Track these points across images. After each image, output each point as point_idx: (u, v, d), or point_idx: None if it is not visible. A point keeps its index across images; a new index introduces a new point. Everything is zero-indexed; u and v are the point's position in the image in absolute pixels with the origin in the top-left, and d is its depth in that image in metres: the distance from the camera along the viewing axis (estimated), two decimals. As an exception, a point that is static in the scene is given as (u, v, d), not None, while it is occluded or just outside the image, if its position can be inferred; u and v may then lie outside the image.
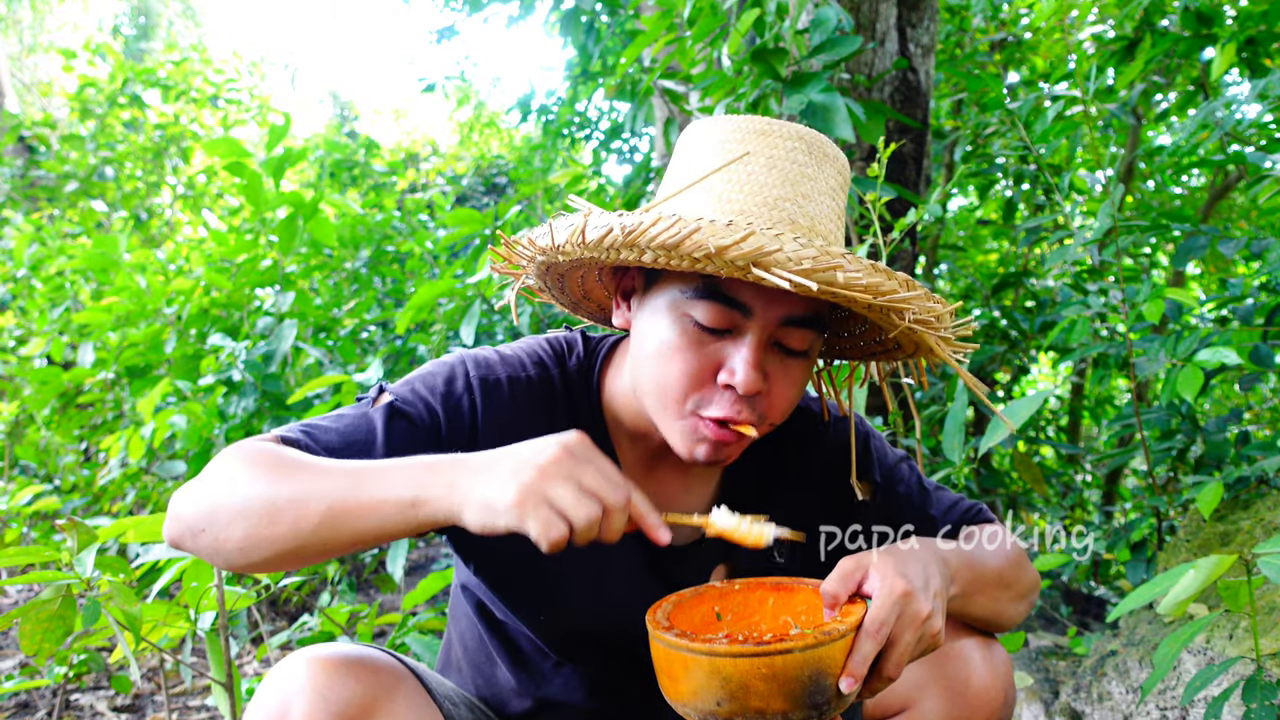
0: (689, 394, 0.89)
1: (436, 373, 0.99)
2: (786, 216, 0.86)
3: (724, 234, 0.76)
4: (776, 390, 0.90)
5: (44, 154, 6.79)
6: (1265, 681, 1.06)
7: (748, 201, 0.87)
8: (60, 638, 1.24)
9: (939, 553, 0.93)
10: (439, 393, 0.97)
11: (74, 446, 3.83)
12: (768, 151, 0.89)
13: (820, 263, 0.76)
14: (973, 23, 3.98)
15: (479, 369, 0.99)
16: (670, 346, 0.88)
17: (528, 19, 5.56)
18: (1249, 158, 2.12)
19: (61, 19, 13.34)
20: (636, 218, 0.79)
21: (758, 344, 0.87)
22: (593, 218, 0.82)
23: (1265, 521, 1.76)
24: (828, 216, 0.90)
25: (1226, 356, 1.73)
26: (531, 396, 1.00)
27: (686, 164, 0.94)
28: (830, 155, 0.92)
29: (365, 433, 0.92)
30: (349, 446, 0.92)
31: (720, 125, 0.93)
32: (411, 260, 4.11)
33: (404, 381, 0.99)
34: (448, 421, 0.95)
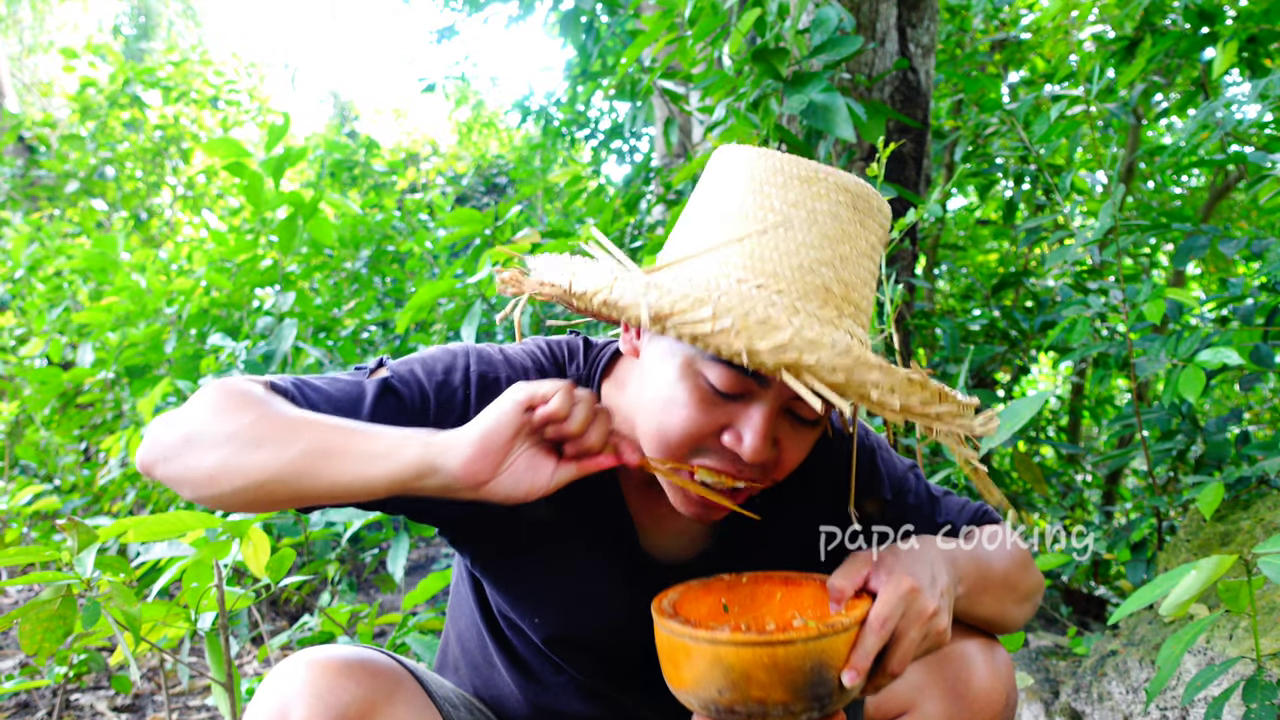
0: (689, 449, 0.85)
1: (439, 359, 0.97)
2: (820, 284, 0.81)
3: (758, 333, 0.70)
4: (785, 455, 0.86)
5: (44, 154, 6.80)
6: (1265, 681, 1.06)
7: (782, 263, 0.80)
8: (60, 638, 1.24)
9: (946, 552, 0.92)
10: (436, 379, 0.94)
11: (74, 446, 3.83)
12: (810, 204, 0.82)
13: (855, 376, 0.71)
14: (973, 23, 3.98)
15: (480, 364, 0.97)
16: (677, 402, 0.84)
17: (527, 19, 5.57)
18: (1249, 158, 2.12)
19: (61, 19, 13.34)
20: (665, 294, 0.73)
21: (770, 414, 0.82)
22: (620, 285, 0.76)
23: (1265, 521, 1.76)
24: (862, 281, 0.85)
25: (1228, 357, 1.73)
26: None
27: (717, 200, 0.87)
28: (874, 208, 0.86)
29: (354, 400, 0.91)
30: (335, 409, 0.90)
31: (758, 163, 0.85)
32: (411, 260, 4.11)
33: (406, 360, 0.97)
34: (438, 409, 0.93)
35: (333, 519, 1.92)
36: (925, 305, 3.33)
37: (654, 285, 0.73)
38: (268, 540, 1.48)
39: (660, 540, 1.03)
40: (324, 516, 1.94)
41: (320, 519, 1.99)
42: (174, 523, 1.40)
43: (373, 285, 3.92)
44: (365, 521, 1.86)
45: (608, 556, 1.01)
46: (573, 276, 0.81)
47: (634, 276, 0.76)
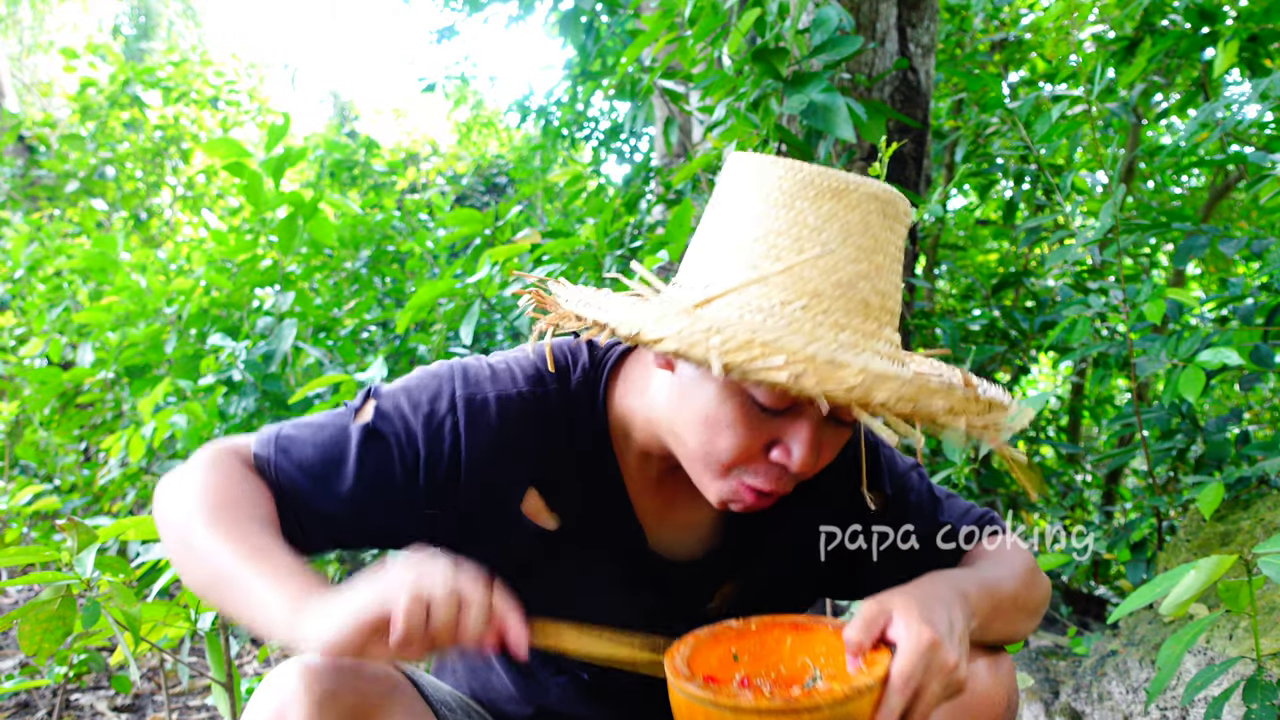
0: (735, 467, 0.85)
1: (424, 386, 0.95)
2: (860, 299, 0.82)
3: (829, 375, 0.70)
4: (824, 458, 0.87)
5: (44, 154, 6.80)
6: (1265, 682, 1.06)
7: (823, 282, 0.81)
8: (60, 638, 1.24)
9: (959, 587, 0.91)
10: (422, 411, 0.93)
11: (74, 446, 3.83)
12: (844, 216, 0.82)
13: (920, 405, 0.73)
14: (973, 23, 3.98)
15: (466, 386, 0.94)
16: (722, 421, 0.83)
17: (527, 19, 5.56)
18: (1250, 157, 2.12)
19: (61, 19, 13.34)
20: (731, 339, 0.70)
21: (817, 424, 0.83)
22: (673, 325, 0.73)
23: (1265, 521, 1.76)
24: (895, 286, 0.86)
25: (1228, 357, 1.73)
26: (523, 415, 0.95)
27: (743, 217, 0.85)
28: (901, 212, 0.87)
29: (338, 455, 0.92)
30: (318, 471, 0.92)
31: (786, 175, 0.84)
32: (411, 260, 4.11)
33: (395, 389, 0.96)
34: (427, 444, 0.92)
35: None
36: (925, 305, 3.33)
37: (714, 330, 0.71)
38: (268, 540, 1.48)
39: (668, 538, 1.03)
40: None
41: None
42: (174, 523, 1.40)
43: (373, 285, 3.92)
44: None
45: (616, 558, 1.00)
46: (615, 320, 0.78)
47: (690, 318, 0.74)
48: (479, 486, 0.94)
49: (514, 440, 0.94)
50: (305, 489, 0.93)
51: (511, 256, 2.50)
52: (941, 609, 0.84)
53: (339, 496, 0.92)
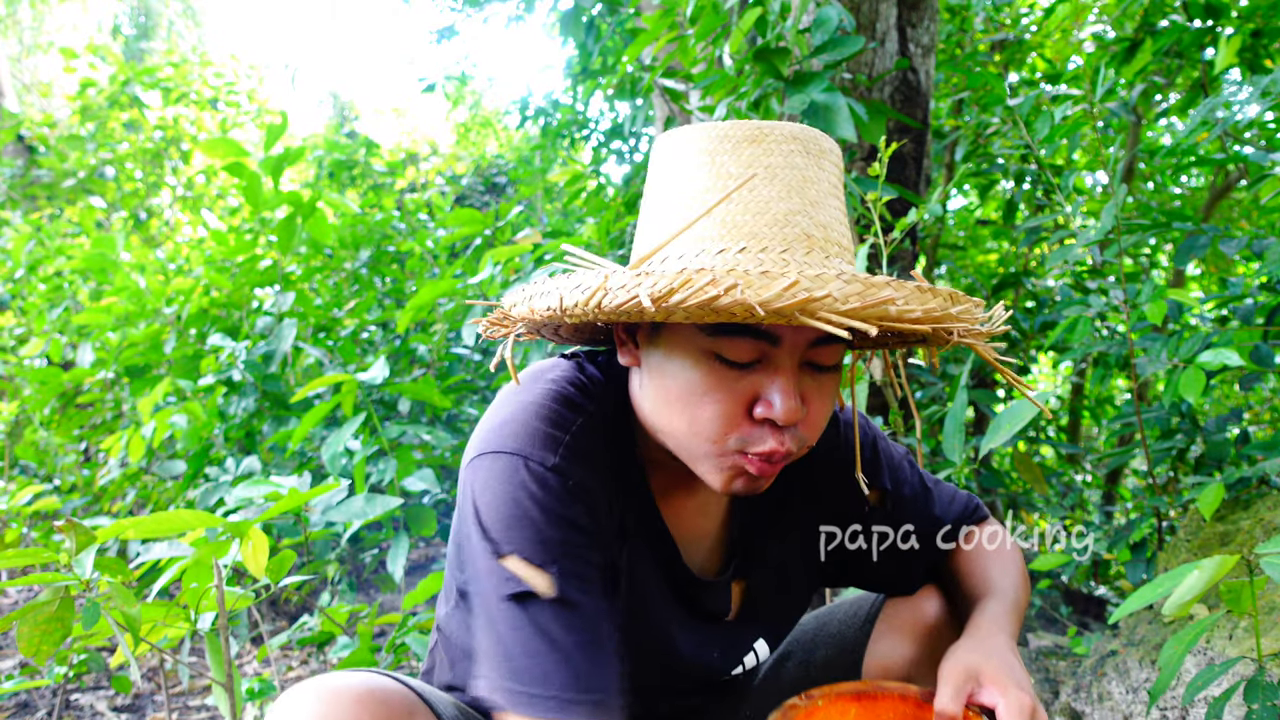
0: (728, 434, 0.82)
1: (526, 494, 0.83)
2: (800, 231, 0.80)
3: (762, 285, 0.69)
4: (813, 410, 0.84)
5: (44, 154, 6.80)
6: (1266, 682, 1.06)
7: (757, 222, 0.80)
8: (59, 639, 1.24)
9: (1009, 629, 0.92)
10: (553, 507, 0.83)
11: (74, 446, 3.83)
12: (765, 160, 0.82)
13: (869, 298, 0.71)
14: (974, 23, 3.98)
15: (544, 451, 0.85)
16: (698, 388, 0.81)
17: (527, 19, 5.57)
18: (1250, 157, 2.12)
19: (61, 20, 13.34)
20: (659, 276, 0.70)
21: (791, 370, 0.81)
22: (611, 282, 0.73)
23: (1265, 521, 1.76)
24: (837, 220, 0.85)
25: (1229, 358, 1.72)
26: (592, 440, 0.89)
27: (675, 182, 0.85)
28: (825, 149, 0.86)
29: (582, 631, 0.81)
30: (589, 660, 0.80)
31: (703, 135, 0.84)
32: (411, 260, 4.12)
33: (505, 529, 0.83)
34: (583, 515, 0.85)
35: (333, 519, 1.92)
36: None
37: (645, 274, 0.72)
38: (268, 540, 1.48)
39: (690, 549, 1.01)
40: (324, 517, 1.94)
41: (320, 519, 1.99)
42: (173, 522, 1.40)
43: (373, 285, 3.92)
44: (365, 522, 1.86)
45: (663, 578, 0.98)
46: (561, 294, 0.77)
47: (622, 274, 0.74)
48: (613, 524, 0.91)
49: (604, 465, 0.90)
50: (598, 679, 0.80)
51: (513, 256, 2.51)
52: (1018, 663, 0.85)
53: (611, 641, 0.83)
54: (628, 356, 0.90)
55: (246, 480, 1.73)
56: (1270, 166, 1.99)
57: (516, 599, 0.81)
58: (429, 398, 2.44)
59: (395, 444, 2.36)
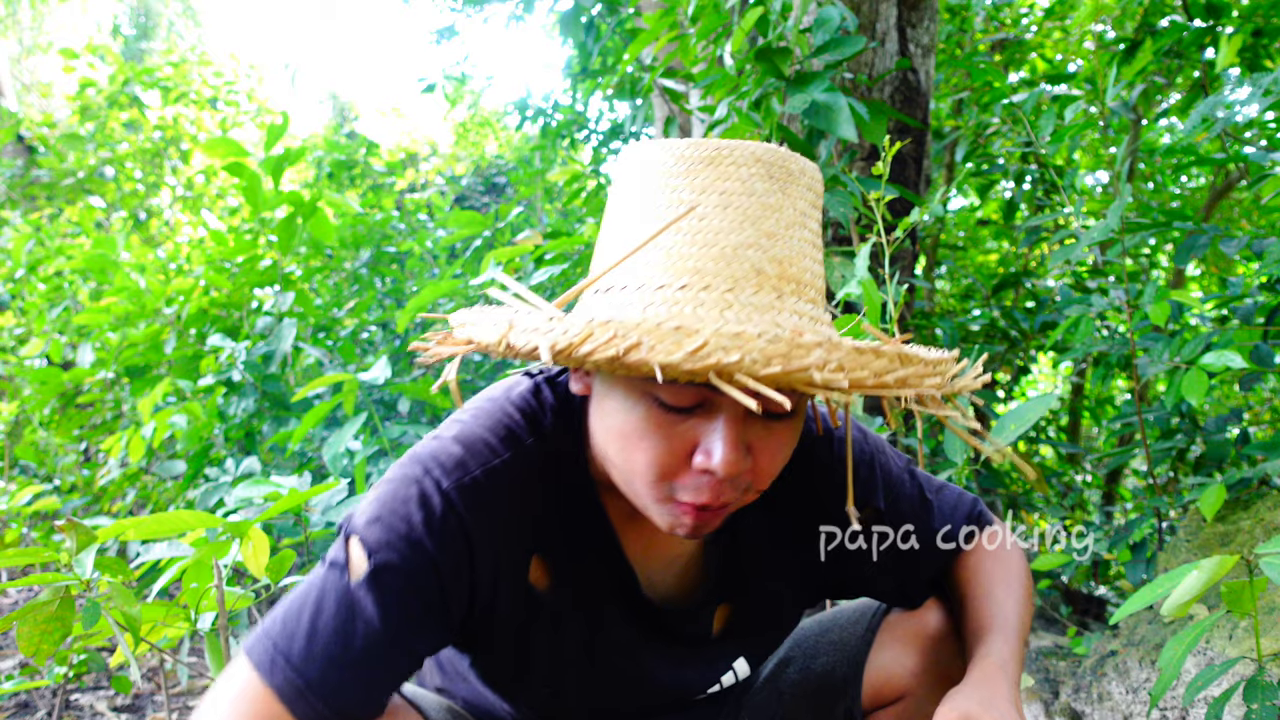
0: (661, 481, 0.77)
1: (404, 497, 0.82)
2: (750, 267, 0.73)
3: (672, 343, 0.62)
4: (762, 460, 0.77)
5: (44, 154, 6.80)
6: (1266, 682, 1.06)
7: (702, 256, 0.73)
8: (59, 639, 1.24)
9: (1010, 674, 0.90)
10: (418, 522, 0.81)
11: (74, 446, 3.83)
12: (720, 186, 0.75)
13: (793, 362, 0.63)
14: (974, 23, 3.99)
15: (449, 474, 0.83)
16: (636, 430, 0.76)
17: (527, 19, 5.57)
18: (1251, 156, 2.12)
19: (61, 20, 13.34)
20: (567, 328, 0.65)
21: (734, 419, 0.73)
22: (519, 325, 0.68)
23: (1265, 522, 1.76)
24: (800, 253, 0.77)
25: (1231, 360, 1.72)
26: (513, 482, 0.86)
27: (628, 208, 0.79)
28: (794, 172, 0.78)
29: (361, 626, 0.78)
30: (348, 656, 0.78)
31: (662, 156, 0.78)
32: (411, 260, 4.12)
33: (370, 519, 0.82)
34: (439, 550, 0.81)
35: (333, 519, 1.92)
36: (925, 305, 3.33)
37: (555, 318, 0.66)
38: (268, 541, 1.48)
39: (657, 578, 0.98)
40: (324, 517, 1.94)
41: (320, 519, 1.99)
42: (174, 522, 1.40)
43: (373, 285, 3.92)
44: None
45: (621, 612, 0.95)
46: (476, 329, 0.73)
47: (533, 316, 0.69)
48: (492, 572, 0.85)
49: (514, 511, 0.86)
50: (349, 682, 0.79)
51: (514, 257, 2.51)
52: (1015, 713, 0.84)
53: (381, 660, 0.80)
54: (579, 384, 0.85)
55: (246, 480, 1.73)
56: (1271, 166, 2.00)
57: (330, 564, 0.81)
58: (429, 398, 2.44)
59: (396, 444, 2.36)
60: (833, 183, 2.01)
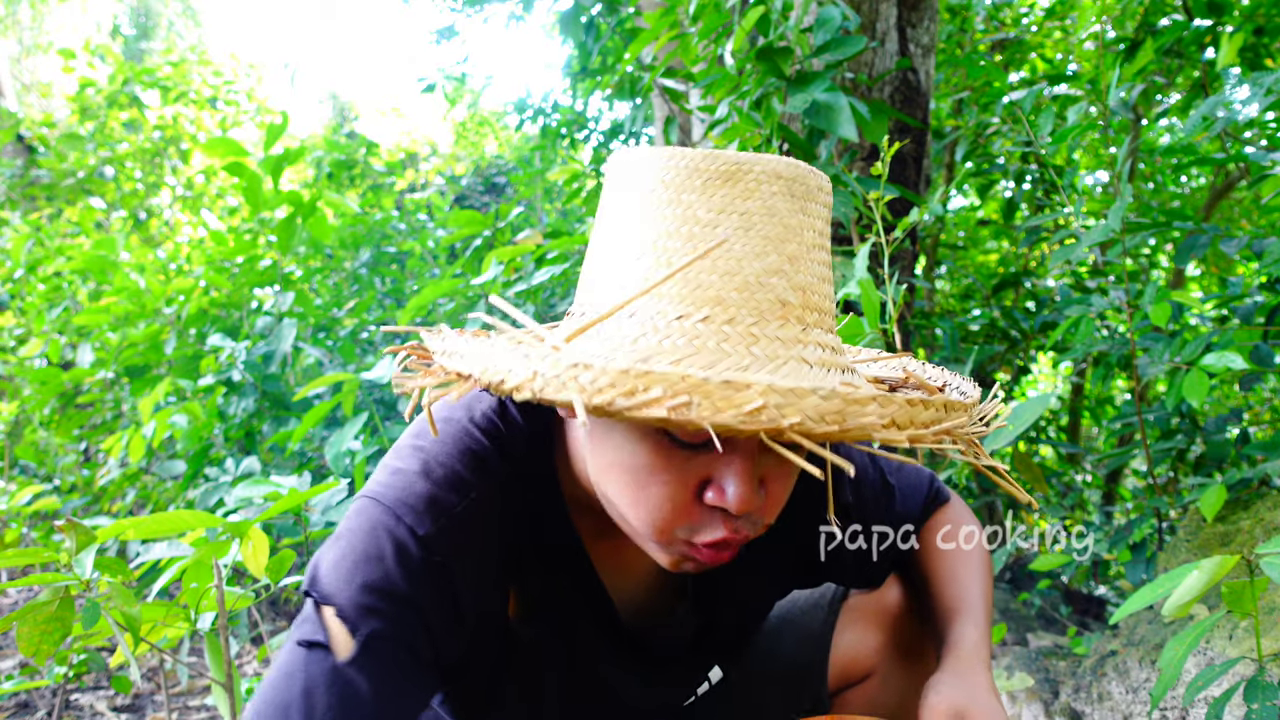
0: (674, 523, 0.72)
1: (376, 552, 0.75)
2: (775, 298, 0.68)
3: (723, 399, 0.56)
4: (772, 492, 0.73)
5: (44, 154, 6.80)
6: (1266, 682, 1.06)
7: (724, 285, 0.67)
8: (58, 640, 1.24)
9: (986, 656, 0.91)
10: (397, 577, 0.74)
11: (74, 446, 3.83)
12: (741, 206, 0.69)
13: (849, 420, 0.58)
14: (975, 23, 3.99)
15: (421, 519, 0.77)
16: (644, 469, 0.70)
17: (527, 18, 5.56)
18: (1251, 156, 2.12)
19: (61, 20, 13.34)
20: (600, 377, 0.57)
21: (749, 453, 0.69)
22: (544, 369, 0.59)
23: (1265, 522, 1.76)
24: (819, 278, 0.73)
25: (1232, 361, 1.72)
26: (485, 515, 0.81)
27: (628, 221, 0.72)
28: (814, 189, 0.73)
29: (362, 710, 0.72)
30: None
31: (669, 166, 0.71)
32: (412, 260, 4.12)
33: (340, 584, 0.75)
34: (427, 600, 0.76)
35: (333, 519, 1.92)
36: (925, 305, 3.33)
37: (583, 365, 0.58)
38: (268, 540, 1.48)
39: (628, 597, 0.94)
40: (324, 516, 1.94)
41: (320, 519, 1.99)
42: (173, 522, 1.40)
43: (373, 285, 3.93)
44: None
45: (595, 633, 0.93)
46: (485, 366, 0.63)
47: (557, 357, 0.60)
48: (475, 609, 0.80)
49: (490, 543, 0.81)
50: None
51: (515, 257, 2.51)
52: (998, 703, 0.84)
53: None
54: (566, 410, 0.75)
55: (246, 480, 1.73)
56: (1271, 166, 2.00)
57: (308, 646, 0.73)
58: (429, 398, 2.43)
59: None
60: (833, 182, 2.01)
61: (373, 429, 2.37)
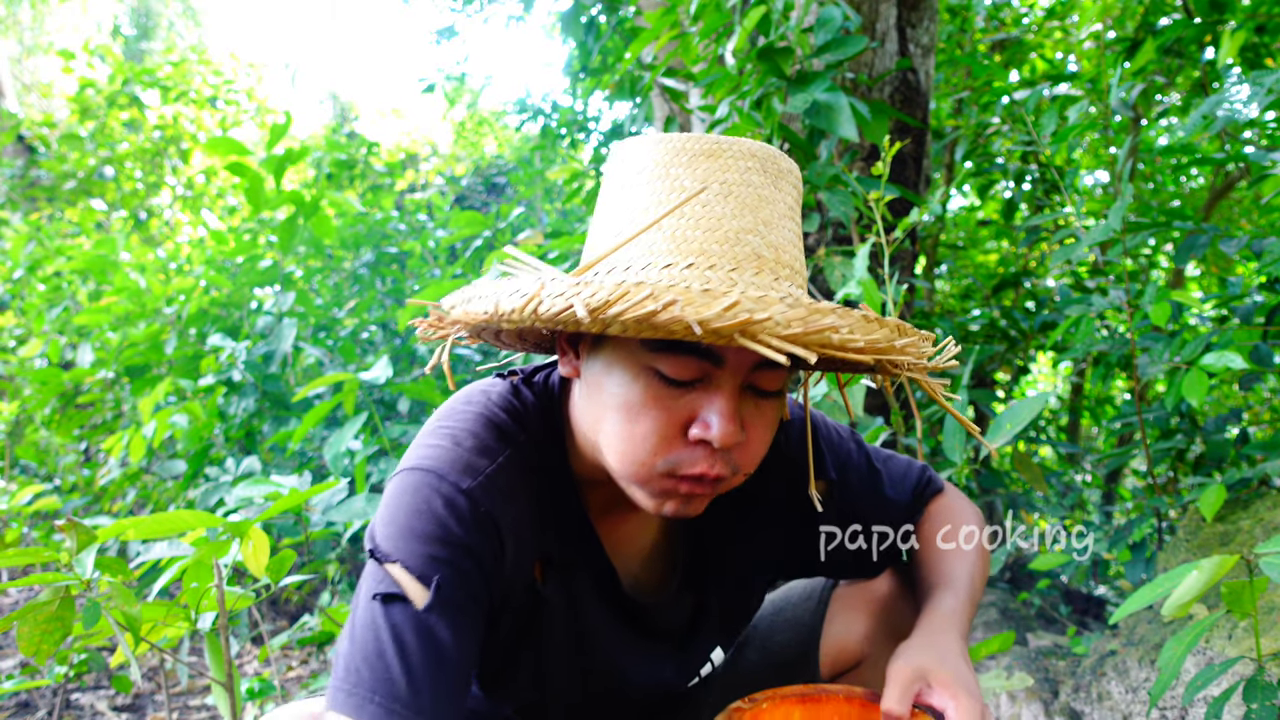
0: (659, 454, 0.79)
1: (428, 509, 0.82)
2: (751, 251, 0.78)
3: (702, 303, 0.67)
4: (752, 437, 0.82)
5: (44, 154, 6.80)
6: (1266, 682, 1.06)
7: (707, 239, 0.77)
8: (59, 639, 1.24)
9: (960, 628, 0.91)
10: (453, 525, 0.81)
11: (74, 446, 3.84)
12: (720, 176, 0.80)
13: (811, 324, 0.69)
14: (975, 23, 3.99)
15: (463, 476, 0.83)
16: (634, 405, 0.78)
17: (527, 18, 5.57)
18: (1251, 156, 2.12)
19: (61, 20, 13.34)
20: (598, 287, 0.68)
21: (731, 393, 0.78)
22: (548, 290, 0.71)
23: (1265, 521, 1.76)
24: (790, 242, 0.83)
25: (1232, 361, 1.72)
26: (515, 477, 0.87)
27: (627, 194, 0.83)
28: (784, 170, 0.84)
29: (448, 650, 0.78)
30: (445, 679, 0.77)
31: (659, 147, 0.82)
32: (412, 260, 4.12)
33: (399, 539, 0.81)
34: (480, 543, 0.82)
35: (333, 519, 1.92)
36: (925, 305, 3.33)
37: (583, 283, 0.70)
38: (268, 540, 1.48)
39: (633, 572, 0.99)
40: (324, 516, 1.94)
41: (320, 519, 1.99)
42: (174, 522, 1.40)
43: (373, 285, 3.93)
44: (365, 522, 1.86)
45: (607, 609, 0.96)
46: (498, 299, 0.74)
47: (560, 281, 0.72)
48: (514, 564, 0.87)
49: (523, 504, 0.87)
50: (456, 706, 0.78)
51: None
52: (966, 667, 0.85)
53: (466, 675, 0.80)
54: (568, 367, 0.88)
55: (246, 480, 1.73)
56: (1271, 165, 2.00)
57: (384, 599, 0.78)
58: (430, 398, 2.44)
59: (396, 444, 2.36)
60: (833, 182, 2.01)
61: (372, 429, 2.37)
